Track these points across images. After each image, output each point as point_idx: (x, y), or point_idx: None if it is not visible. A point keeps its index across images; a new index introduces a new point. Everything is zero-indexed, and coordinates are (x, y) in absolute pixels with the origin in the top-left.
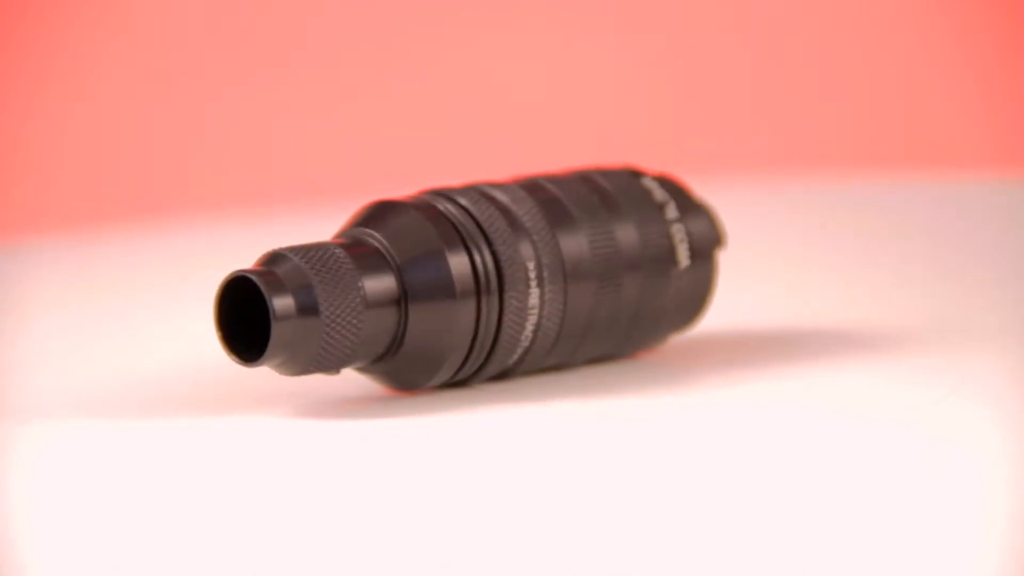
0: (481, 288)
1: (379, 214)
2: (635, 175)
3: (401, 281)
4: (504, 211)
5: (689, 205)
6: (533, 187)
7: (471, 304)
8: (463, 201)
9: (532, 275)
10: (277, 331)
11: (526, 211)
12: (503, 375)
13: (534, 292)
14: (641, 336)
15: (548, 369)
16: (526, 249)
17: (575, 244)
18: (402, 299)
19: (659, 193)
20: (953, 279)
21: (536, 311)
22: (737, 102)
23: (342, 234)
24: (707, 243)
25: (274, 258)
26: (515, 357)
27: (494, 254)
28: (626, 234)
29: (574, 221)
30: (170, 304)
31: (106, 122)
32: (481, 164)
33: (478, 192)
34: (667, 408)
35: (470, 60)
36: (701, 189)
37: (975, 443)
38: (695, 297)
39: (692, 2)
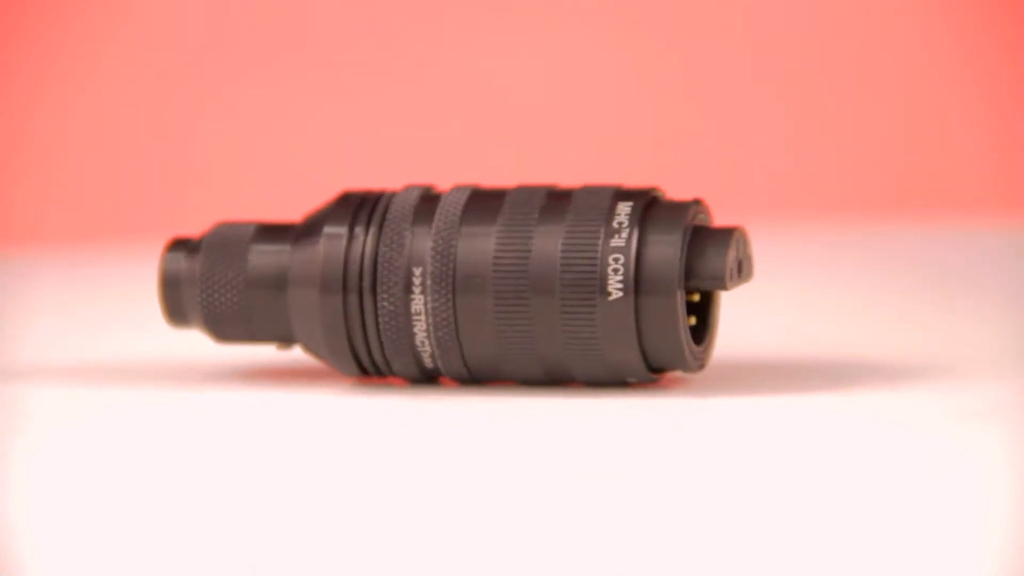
0: (350, 286)
1: (329, 203)
2: (621, 196)
3: (287, 268)
4: (423, 213)
5: (671, 239)
6: (487, 195)
7: (337, 299)
8: (394, 200)
9: (416, 281)
10: (163, 292)
11: (443, 218)
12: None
13: (417, 299)
14: (588, 365)
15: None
16: (419, 255)
17: (476, 258)
18: (285, 284)
19: (623, 218)
20: (964, 315)
21: (422, 318)
22: (761, 144)
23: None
24: (663, 279)
25: (212, 230)
26: (427, 362)
27: (376, 255)
28: (544, 255)
29: (487, 236)
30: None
31: (105, 134)
32: (499, 170)
33: (427, 192)
34: (664, 408)
35: (479, 64)
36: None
37: (977, 447)
38: (652, 333)
39: (714, 40)
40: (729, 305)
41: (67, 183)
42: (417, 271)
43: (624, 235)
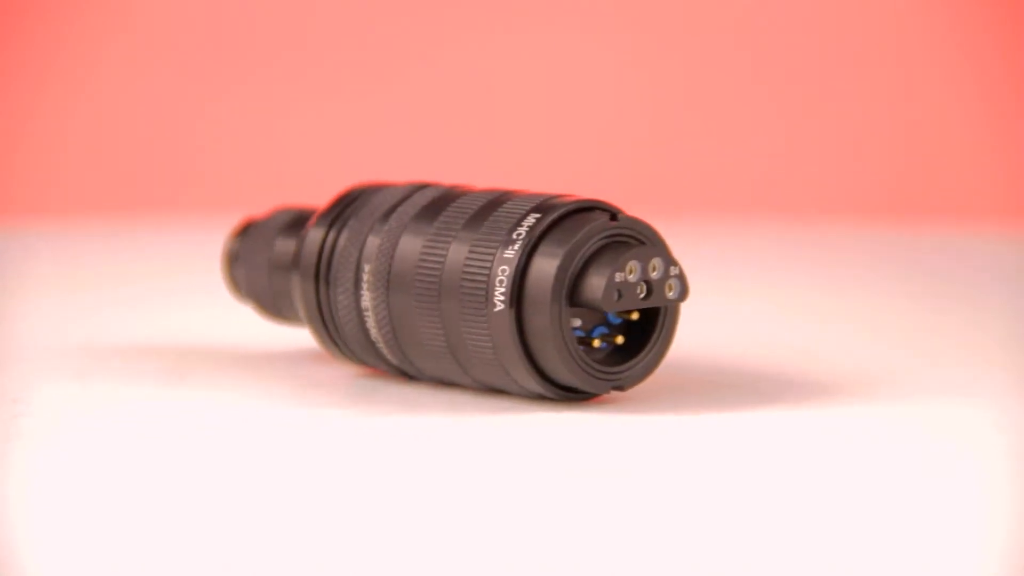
0: (320, 276)
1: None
2: (538, 208)
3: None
4: (391, 209)
5: (556, 254)
6: (447, 197)
7: (312, 290)
8: (377, 195)
9: (365, 278)
10: (223, 270)
11: (398, 216)
12: (419, 378)
13: (365, 295)
14: (495, 376)
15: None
16: (370, 252)
17: (408, 257)
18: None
19: (523, 230)
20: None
21: (370, 314)
22: (756, 146)
23: None
24: (539, 295)
25: (269, 213)
26: (388, 356)
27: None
28: (455, 260)
29: (421, 238)
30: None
31: (108, 116)
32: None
33: (414, 189)
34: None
35: (494, 63)
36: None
37: (977, 450)
38: (538, 349)
39: (713, 42)
40: (725, 310)
41: (70, 159)
42: (366, 267)
43: (516, 248)
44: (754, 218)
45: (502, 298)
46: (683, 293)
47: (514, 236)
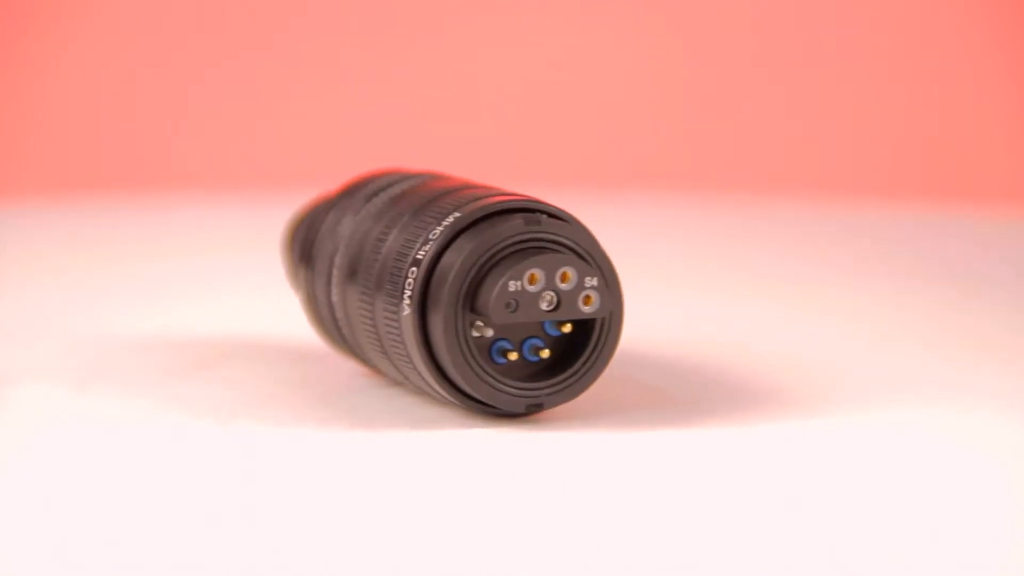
0: (308, 267)
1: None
2: (458, 207)
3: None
4: (368, 198)
5: (458, 257)
6: (416, 189)
7: (303, 280)
8: (367, 186)
9: (335, 272)
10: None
11: (368, 208)
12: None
13: (336, 289)
14: (419, 381)
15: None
16: (338, 245)
17: (363, 252)
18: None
19: (438, 231)
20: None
21: (338, 308)
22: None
23: None
24: (436, 300)
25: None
26: (362, 350)
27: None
28: (386, 258)
29: (379, 222)
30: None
31: (107, 99)
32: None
33: (403, 178)
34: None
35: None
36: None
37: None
38: (441, 357)
39: (718, 28)
40: (725, 310)
41: (53, 135)
42: (336, 261)
43: (428, 249)
44: (754, 209)
45: (408, 300)
46: (605, 306)
47: (431, 236)
